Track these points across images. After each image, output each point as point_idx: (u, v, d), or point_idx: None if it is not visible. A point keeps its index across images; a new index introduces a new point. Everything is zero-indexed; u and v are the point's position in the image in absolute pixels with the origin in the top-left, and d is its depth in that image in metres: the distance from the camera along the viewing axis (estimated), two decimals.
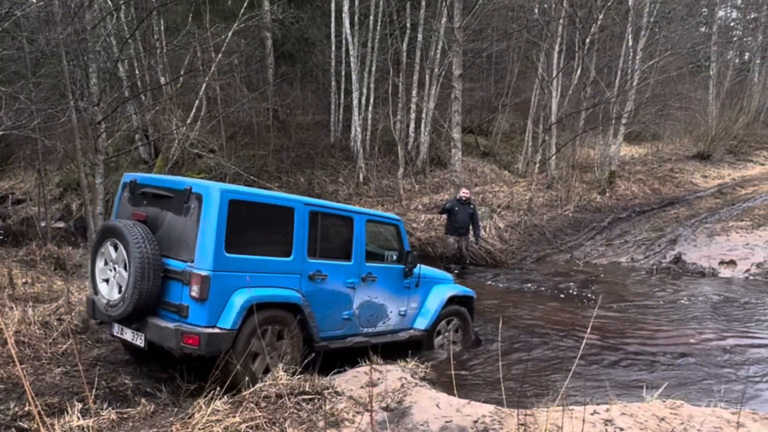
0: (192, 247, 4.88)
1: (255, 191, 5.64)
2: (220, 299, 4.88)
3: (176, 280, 4.93)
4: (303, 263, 5.54)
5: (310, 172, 19.25)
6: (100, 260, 5.18)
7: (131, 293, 4.79)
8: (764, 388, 5.99)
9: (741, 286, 9.67)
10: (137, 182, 5.45)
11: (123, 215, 5.46)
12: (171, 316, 4.95)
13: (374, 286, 6.32)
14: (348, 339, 6.11)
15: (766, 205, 13.54)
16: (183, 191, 5.01)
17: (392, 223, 6.76)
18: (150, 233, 4.97)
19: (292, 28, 21.07)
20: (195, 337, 4.73)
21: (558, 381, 6.05)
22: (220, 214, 4.85)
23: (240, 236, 5.02)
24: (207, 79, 16.64)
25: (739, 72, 31.86)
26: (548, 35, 19.12)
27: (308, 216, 5.60)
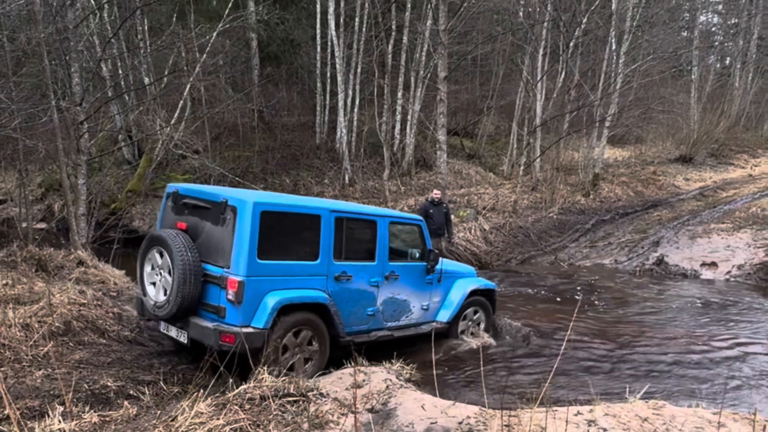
0: (228, 254, 5.36)
1: (285, 201, 5.91)
2: (253, 301, 5.37)
3: (214, 284, 5.43)
4: (329, 265, 5.98)
5: (295, 173, 19.20)
6: (148, 265, 5.76)
7: (175, 296, 5.33)
8: (745, 388, 6.06)
9: (722, 287, 9.77)
10: (179, 193, 5.98)
11: (167, 223, 6.02)
12: (210, 316, 5.47)
13: (397, 283, 6.74)
14: (372, 333, 6.54)
15: (746, 208, 13.69)
16: (220, 203, 5.49)
17: (414, 224, 7.13)
18: (191, 242, 5.50)
19: (277, 29, 21.02)
20: (231, 336, 5.22)
21: (542, 382, 6.08)
22: (253, 224, 5.32)
23: (271, 243, 5.48)
24: (191, 80, 16.54)
25: (720, 76, 32.26)
26: (533, 38, 19.23)
27: (334, 221, 6.02)
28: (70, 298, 6.70)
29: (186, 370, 5.85)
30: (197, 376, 5.47)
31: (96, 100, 11.70)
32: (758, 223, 12.28)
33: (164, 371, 5.70)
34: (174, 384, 5.43)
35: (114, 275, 8.54)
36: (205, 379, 5.30)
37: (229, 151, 18.97)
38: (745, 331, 7.76)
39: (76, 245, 9.51)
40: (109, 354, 5.97)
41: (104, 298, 7.26)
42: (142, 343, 6.60)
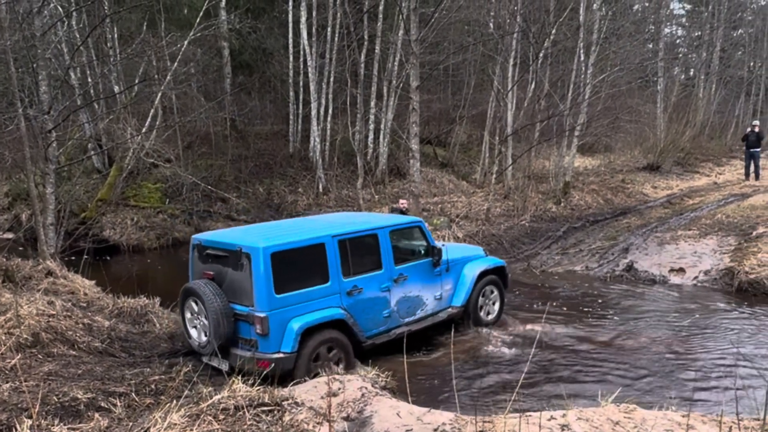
0: (250, 294, 6.10)
1: (291, 238, 6.45)
2: (279, 331, 6.11)
3: (244, 321, 6.19)
4: (340, 284, 6.67)
5: (269, 182, 19.11)
6: (187, 312, 6.59)
7: (213, 337, 6.14)
8: (712, 390, 6.19)
9: (690, 292, 9.96)
10: (202, 244, 6.71)
11: (196, 273, 6.77)
12: (246, 347, 6.25)
13: (407, 283, 7.40)
14: (391, 332, 7.23)
15: (712, 215, 13.99)
16: (236, 251, 6.22)
17: (414, 226, 7.74)
18: (218, 288, 6.25)
19: (249, 38, 20.96)
20: (266, 363, 5.99)
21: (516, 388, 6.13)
22: (266, 266, 6.04)
23: (285, 278, 6.18)
24: (162, 88, 16.39)
25: (685, 87, 32.98)
26: (503, 49, 19.45)
27: (337, 244, 6.67)
28: (39, 309, 6.58)
29: (159, 380, 5.77)
30: (170, 387, 5.41)
31: (64, 108, 11.54)
32: (723, 230, 12.56)
33: (136, 382, 5.61)
34: (146, 395, 5.36)
35: (84, 285, 8.41)
36: (178, 390, 5.25)
37: (202, 159, 18.81)
38: (712, 335, 7.92)
39: (44, 255, 9.33)
40: (79, 365, 5.87)
41: (74, 309, 7.14)
42: (113, 354, 6.50)
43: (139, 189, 16.75)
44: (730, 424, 4.22)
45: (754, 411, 4.70)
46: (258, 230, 7.08)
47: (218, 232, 7.61)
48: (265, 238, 6.31)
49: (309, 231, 6.75)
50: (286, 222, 8.26)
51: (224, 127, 20.52)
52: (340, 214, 9.65)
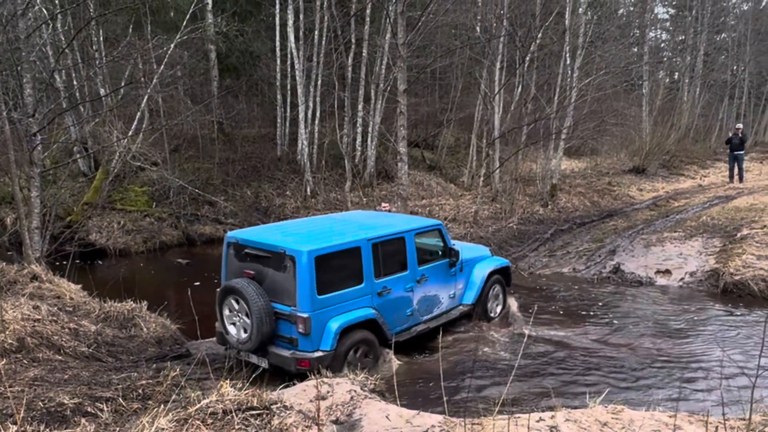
0: (293, 295, 6.36)
1: (333, 242, 6.75)
2: (319, 330, 6.40)
3: (285, 320, 6.43)
4: (372, 285, 6.99)
5: (256, 185, 19.05)
6: (226, 309, 6.77)
7: (255, 335, 6.37)
8: (698, 390, 6.24)
9: (676, 294, 10.04)
10: (239, 243, 6.91)
11: (231, 269, 7.03)
12: (285, 345, 6.52)
13: (427, 283, 7.78)
14: (412, 329, 7.61)
15: (697, 217, 14.12)
16: (279, 253, 6.46)
17: (435, 228, 8.09)
18: (260, 288, 6.45)
19: (236, 41, 20.91)
20: (306, 362, 6.30)
21: (504, 390, 6.15)
22: (310, 269, 6.30)
23: (326, 280, 6.46)
24: (149, 91, 16.30)
25: (670, 91, 33.31)
26: (490, 53, 19.54)
27: (371, 248, 6.99)
28: (24, 313, 6.51)
29: (146, 385, 5.72)
30: (158, 392, 5.38)
31: (49, 111, 11.43)
32: (708, 232, 12.68)
33: (123, 387, 5.56)
34: (134, 400, 5.31)
35: (70, 290, 8.33)
36: (166, 394, 5.21)
37: (189, 163, 18.72)
38: (698, 336, 8.00)
39: (29, 260, 9.24)
40: (65, 370, 5.81)
41: (60, 314, 7.08)
42: (99, 358, 6.45)
43: (126, 192, 16.64)
44: (717, 424, 4.26)
45: (739, 411, 4.74)
46: (295, 231, 7.34)
47: (254, 230, 7.68)
48: (308, 241, 6.64)
49: (345, 234, 7.07)
50: (316, 221, 8.46)
51: (211, 130, 20.44)
52: (361, 213, 9.92)
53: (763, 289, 9.30)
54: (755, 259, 10.07)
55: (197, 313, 5.41)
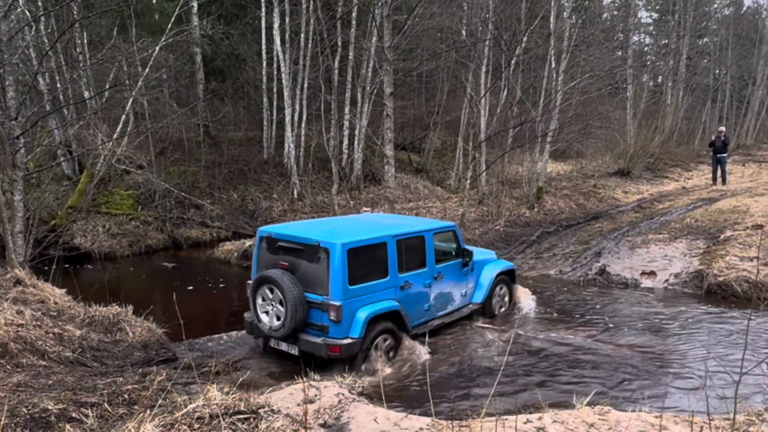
0: (326, 285, 6.77)
1: (366, 236, 7.21)
2: (349, 318, 6.83)
3: (317, 308, 6.83)
4: (396, 279, 7.46)
5: (243, 188, 18.98)
6: (259, 298, 7.14)
7: (289, 322, 6.74)
8: (684, 391, 6.29)
9: (661, 295, 10.12)
10: (272, 236, 7.35)
11: (263, 262, 7.42)
12: (315, 332, 6.90)
13: (443, 280, 8.26)
14: (429, 323, 8.03)
15: (681, 219, 14.25)
16: (313, 246, 6.89)
17: (450, 230, 8.62)
18: (295, 278, 6.83)
19: (222, 44, 20.85)
20: (337, 348, 6.73)
21: (491, 391, 6.16)
22: (343, 260, 6.74)
23: (356, 271, 6.89)
24: (134, 94, 16.21)
25: (654, 94, 33.67)
26: (475, 56, 19.63)
27: (396, 244, 7.45)
28: (7, 318, 6.43)
29: (132, 390, 5.67)
30: (144, 396, 5.33)
31: (33, 114, 11.30)
32: (692, 233, 12.80)
33: (109, 392, 5.50)
34: (119, 405, 5.26)
35: (54, 294, 8.24)
36: (152, 399, 5.17)
37: (175, 166, 18.61)
38: (683, 336, 8.06)
39: (12, 264, 9.13)
40: (50, 376, 5.74)
41: (44, 318, 6.99)
42: (84, 363, 6.38)
43: (111, 196, 16.50)
44: (701, 424, 4.29)
45: (724, 411, 4.79)
46: (325, 227, 7.80)
47: (285, 226, 8.26)
48: (340, 234, 7.07)
49: (372, 230, 7.53)
50: (340, 220, 9.10)
51: (197, 134, 20.35)
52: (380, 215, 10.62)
53: (746, 290, 9.40)
54: (738, 260, 10.19)
55: (184, 317, 5.37)
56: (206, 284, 12.21)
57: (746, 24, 39.90)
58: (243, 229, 16.83)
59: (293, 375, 6.49)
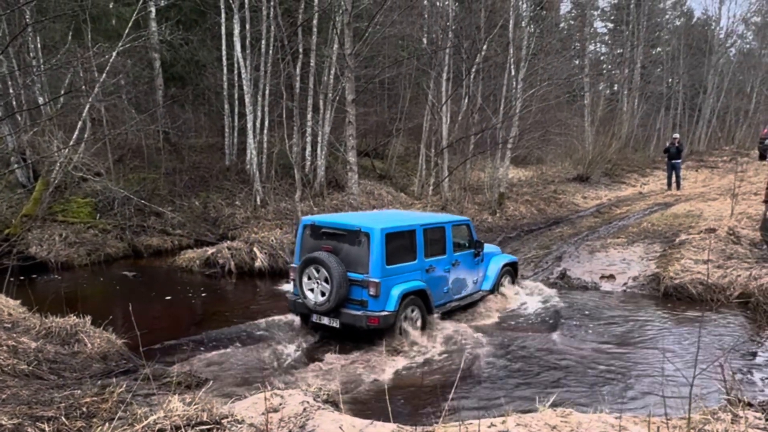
0: (366, 265, 7.79)
1: (399, 223, 8.28)
2: (386, 294, 7.84)
3: (357, 285, 7.84)
4: (422, 262, 8.52)
5: (205, 195, 18.72)
6: (305, 277, 8.10)
7: (334, 297, 7.74)
8: (642, 391, 6.43)
9: (620, 298, 10.34)
10: (316, 224, 8.39)
11: (306, 247, 8.39)
12: (355, 307, 7.88)
13: (459, 267, 9.34)
14: (447, 305, 9.09)
15: (638, 223, 14.61)
16: (355, 231, 7.91)
17: (465, 223, 9.78)
18: (338, 259, 7.83)
19: (181, 49, 20.57)
20: (376, 319, 7.72)
21: (455, 397, 6.20)
22: (381, 243, 7.78)
23: (391, 253, 7.94)
24: (90, 100, 15.86)
25: (610, 102, 34.46)
26: (436, 64, 19.83)
27: (423, 231, 8.53)
28: None
29: (90, 402, 5.53)
30: (103, 409, 5.21)
31: None
32: (649, 237, 13.14)
33: (66, 405, 5.35)
34: (77, 418, 5.12)
35: (8, 305, 7.98)
36: (111, 412, 5.06)
37: (134, 173, 18.26)
38: (640, 338, 8.25)
39: None
40: (3, 390, 5.56)
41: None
42: (40, 376, 6.19)
43: (68, 204, 16.08)
44: (659, 423, 4.39)
45: (680, 410, 4.90)
46: (365, 216, 9.09)
47: (328, 216, 9.65)
48: (378, 221, 8.14)
49: (403, 219, 8.67)
50: (369, 213, 10.57)
51: (157, 140, 20.01)
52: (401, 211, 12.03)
53: (701, 292, 9.67)
54: (693, 263, 10.48)
55: (146, 327, 5.28)
56: (168, 293, 12.02)
57: (696, 34, 41.17)
58: (205, 236, 16.61)
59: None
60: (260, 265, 13.14)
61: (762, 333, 8.01)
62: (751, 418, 4.45)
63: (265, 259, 13.21)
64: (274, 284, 12.43)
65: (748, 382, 6.43)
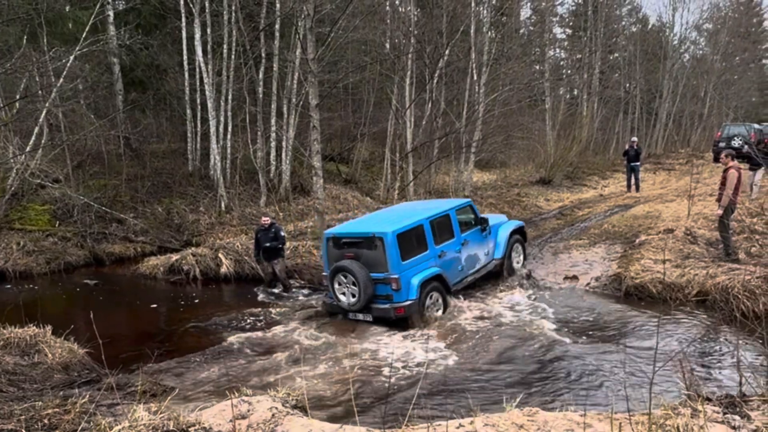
0: (385, 264, 8.88)
1: (407, 222, 9.25)
2: (406, 285, 8.95)
3: (381, 283, 8.94)
4: (434, 250, 9.54)
5: (168, 201, 18.44)
6: (336, 284, 9.25)
7: (363, 297, 8.90)
8: (606, 389, 6.55)
9: (583, 298, 10.50)
10: (336, 236, 9.46)
11: (332, 256, 9.48)
12: (383, 301, 9.01)
13: (468, 246, 10.40)
14: (463, 281, 10.23)
15: (599, 225, 14.88)
16: (370, 237, 8.98)
17: (467, 205, 10.76)
18: (361, 264, 8.96)
19: (141, 54, 20.28)
20: (402, 309, 8.81)
21: (422, 399, 6.23)
22: (394, 244, 8.85)
23: (405, 249, 9.00)
24: (47, 105, 15.51)
25: (570, 106, 35.11)
26: (399, 69, 19.94)
27: (429, 224, 9.54)
28: None
29: (52, 414, 5.40)
30: (65, 420, 5.10)
31: None
32: (610, 239, 13.39)
33: (26, 417, 5.22)
34: (38, 431, 5.00)
35: None
36: (74, 423, 4.95)
37: (94, 179, 17.89)
38: (603, 337, 8.41)
39: None
40: None
41: None
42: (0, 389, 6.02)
43: (25, 211, 15.67)
44: (622, 420, 4.48)
45: (642, 406, 5.01)
46: (375, 220, 10.05)
47: (343, 226, 10.31)
48: (388, 224, 9.15)
49: (411, 216, 9.56)
50: (383, 212, 11.22)
51: (118, 146, 19.67)
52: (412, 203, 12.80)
53: (661, 291, 9.86)
54: (652, 263, 10.72)
55: (109, 335, 5.18)
56: (132, 301, 11.81)
57: (652, 40, 42.18)
58: (169, 243, 16.36)
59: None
60: (226, 271, 13.00)
61: (719, 330, 8.24)
62: (710, 413, 4.57)
63: (230, 265, 13.08)
64: (240, 290, 12.32)
65: (706, 378, 6.61)
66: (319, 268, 12.41)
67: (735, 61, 47.05)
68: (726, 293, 8.90)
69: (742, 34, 46.81)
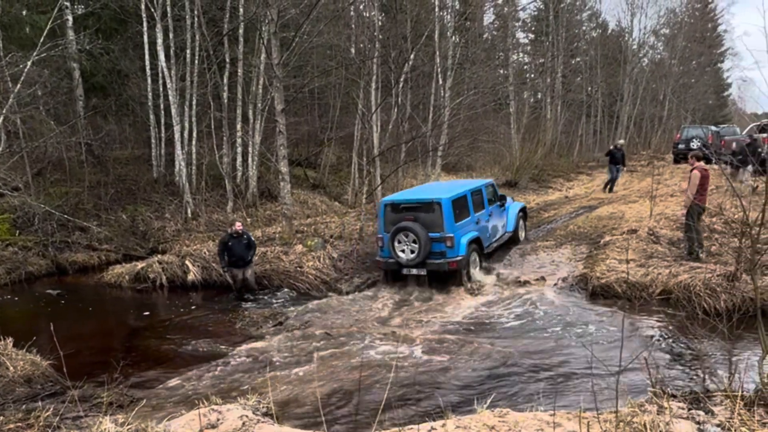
0: (441, 225, 10.63)
1: (457, 191, 11.27)
2: (458, 243, 10.74)
3: (436, 241, 10.64)
4: (473, 217, 11.59)
5: (132, 208, 18.11)
6: (396, 242, 10.78)
7: (422, 252, 10.57)
8: (574, 389, 6.64)
9: (550, 299, 10.64)
10: (395, 202, 11.26)
11: (389, 220, 11.11)
12: (437, 257, 10.72)
13: (493, 217, 12.68)
14: (489, 246, 12.34)
15: (565, 226, 15.13)
16: (429, 202, 10.76)
17: (491, 184, 13.11)
18: (421, 225, 10.61)
19: (102, 59, 19.91)
20: (454, 263, 10.63)
21: (393, 401, 6.24)
22: (450, 208, 10.72)
23: (456, 214, 10.89)
24: (4, 112, 15.09)
25: (534, 109, 35.64)
26: (365, 73, 19.96)
27: (470, 194, 11.62)
28: None
29: (15, 429, 5.26)
30: None
31: None
32: (576, 240, 13.62)
33: None
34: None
35: None
36: None
37: (55, 187, 17.47)
38: (570, 337, 8.53)
39: None
40: None
41: None
42: None
43: None
44: (591, 418, 4.55)
45: (610, 404, 5.10)
46: (430, 189, 12.21)
47: (400, 194, 12.52)
48: (443, 192, 11.12)
49: (457, 188, 11.59)
50: (431, 185, 13.83)
51: (79, 153, 19.26)
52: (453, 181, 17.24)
53: (626, 290, 10.04)
54: (617, 263, 10.92)
55: (73, 346, 5.07)
56: (97, 310, 11.57)
57: (612, 45, 43.06)
58: (134, 251, 16.07)
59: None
60: (193, 279, 12.82)
61: (682, 327, 8.42)
62: (675, 409, 4.67)
63: (198, 272, 12.89)
64: (209, 297, 12.16)
65: (671, 375, 6.75)
66: (288, 273, 12.32)
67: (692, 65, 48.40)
68: (688, 291, 9.12)
69: (698, 39, 48.16)
